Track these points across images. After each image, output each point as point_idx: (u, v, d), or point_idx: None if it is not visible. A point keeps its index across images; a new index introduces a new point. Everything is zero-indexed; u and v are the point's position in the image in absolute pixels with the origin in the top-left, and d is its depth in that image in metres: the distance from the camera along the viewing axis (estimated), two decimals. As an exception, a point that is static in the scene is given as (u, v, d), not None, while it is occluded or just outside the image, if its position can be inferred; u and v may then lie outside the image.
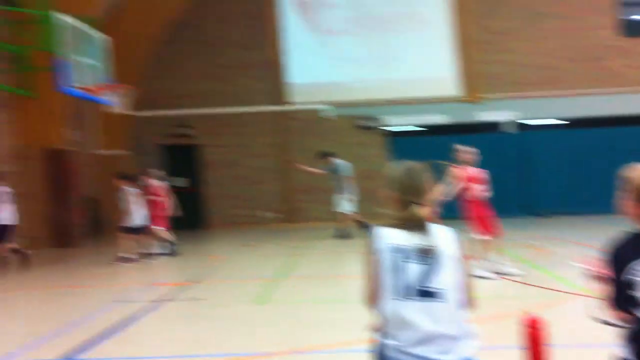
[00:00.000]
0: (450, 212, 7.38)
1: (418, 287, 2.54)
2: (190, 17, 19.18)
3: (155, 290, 8.41)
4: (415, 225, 2.60)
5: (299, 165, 15.32)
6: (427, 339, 2.50)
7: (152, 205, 11.58)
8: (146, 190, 11.67)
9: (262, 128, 19.21)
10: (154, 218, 11.48)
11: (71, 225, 14.69)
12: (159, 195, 11.83)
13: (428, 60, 18.68)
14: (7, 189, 11.28)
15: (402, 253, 2.57)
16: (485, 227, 8.02)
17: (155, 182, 12.02)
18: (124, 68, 16.28)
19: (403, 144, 19.14)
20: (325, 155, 14.44)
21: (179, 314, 6.89)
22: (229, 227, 18.63)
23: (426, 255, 2.56)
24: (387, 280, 2.57)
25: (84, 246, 14.50)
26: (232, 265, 10.83)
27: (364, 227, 13.78)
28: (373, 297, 2.65)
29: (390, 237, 2.60)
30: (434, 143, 18.93)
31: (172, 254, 11.65)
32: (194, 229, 18.92)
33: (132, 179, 11.62)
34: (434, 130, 19.33)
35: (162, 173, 12.95)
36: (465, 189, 8.09)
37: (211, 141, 19.24)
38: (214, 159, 19.16)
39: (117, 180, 11.48)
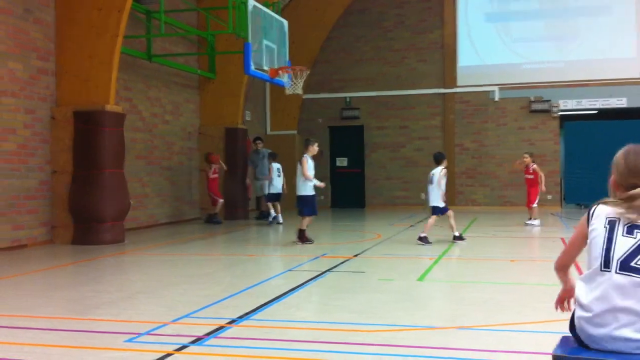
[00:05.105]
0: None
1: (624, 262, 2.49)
2: (368, 3, 19.45)
3: (321, 262, 8.87)
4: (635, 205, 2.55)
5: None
6: (617, 312, 2.47)
7: None
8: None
9: (427, 111, 19.18)
10: None
11: (239, 199, 15.88)
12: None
13: (608, 41, 17.56)
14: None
15: (616, 228, 2.56)
16: None
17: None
18: (299, 51, 17.02)
19: (577, 128, 18.20)
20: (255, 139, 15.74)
21: (343, 285, 7.24)
22: (388, 207, 18.93)
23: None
24: (596, 253, 2.57)
25: (249, 219, 15.86)
26: (389, 244, 11.07)
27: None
28: (565, 265, 2.87)
29: (608, 213, 2.61)
30: (609, 128, 17.79)
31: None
32: (354, 208, 19.44)
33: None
34: (608, 114, 18.17)
35: (322, 152, 14.13)
36: None
37: (376, 123, 19.57)
38: (377, 140, 19.48)
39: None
